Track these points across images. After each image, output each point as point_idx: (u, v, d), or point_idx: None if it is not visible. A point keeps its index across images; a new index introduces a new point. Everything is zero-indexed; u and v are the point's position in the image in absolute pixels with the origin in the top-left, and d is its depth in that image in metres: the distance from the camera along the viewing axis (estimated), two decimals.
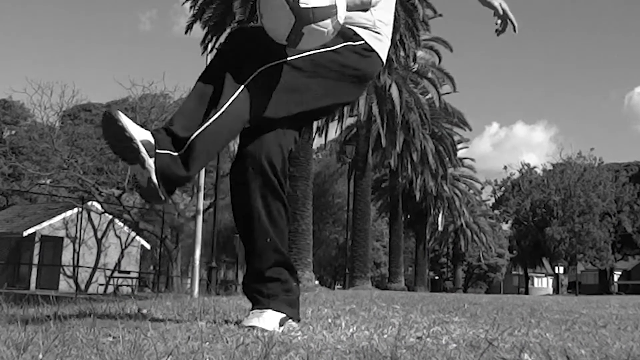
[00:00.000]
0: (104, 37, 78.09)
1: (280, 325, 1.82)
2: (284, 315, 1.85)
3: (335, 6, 1.65)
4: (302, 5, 1.59)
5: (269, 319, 1.81)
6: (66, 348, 1.32)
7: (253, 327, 1.75)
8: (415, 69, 23.72)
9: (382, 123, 22.17)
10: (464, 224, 36.28)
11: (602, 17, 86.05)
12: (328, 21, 1.64)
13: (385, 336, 1.69)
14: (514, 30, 2.05)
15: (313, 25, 1.62)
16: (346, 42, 1.87)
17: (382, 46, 1.96)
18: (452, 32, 77.65)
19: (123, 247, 24.61)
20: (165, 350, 1.31)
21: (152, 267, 27.60)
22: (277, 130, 1.88)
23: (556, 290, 44.64)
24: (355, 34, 1.90)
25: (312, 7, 1.60)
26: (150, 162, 1.61)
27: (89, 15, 77.65)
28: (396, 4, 2.07)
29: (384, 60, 1.98)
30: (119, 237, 24.48)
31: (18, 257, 22.34)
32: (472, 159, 39.76)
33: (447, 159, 27.22)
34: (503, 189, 45.85)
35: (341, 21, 1.69)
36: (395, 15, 2.31)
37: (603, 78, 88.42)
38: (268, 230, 1.88)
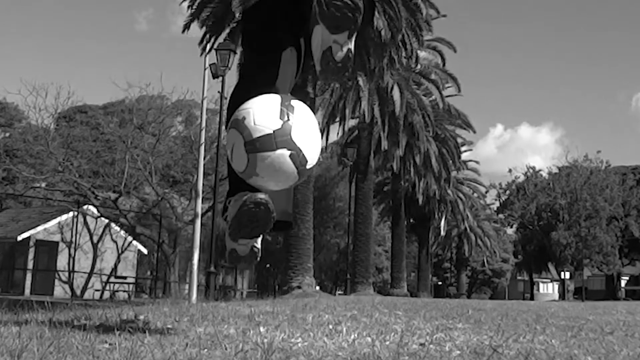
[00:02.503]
0: (99, 37, 77.72)
1: None
2: None
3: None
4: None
5: None
6: (61, 355, 1.32)
7: None
8: (418, 70, 23.48)
9: (384, 125, 21.92)
10: (467, 228, 36.07)
11: (608, 16, 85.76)
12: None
13: (387, 343, 1.67)
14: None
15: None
16: None
17: None
18: (455, 32, 77.37)
19: (119, 251, 24.50)
20: (162, 357, 1.32)
21: (149, 273, 27.52)
22: None
23: (562, 296, 44.33)
24: None
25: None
26: None
27: (84, 15, 77.38)
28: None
29: None
30: (116, 242, 24.37)
31: (12, 262, 22.21)
32: (476, 162, 39.63)
33: (451, 161, 27.02)
34: (508, 192, 45.79)
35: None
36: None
37: (610, 79, 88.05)
38: None
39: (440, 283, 49.02)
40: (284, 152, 1.52)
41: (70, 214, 22.36)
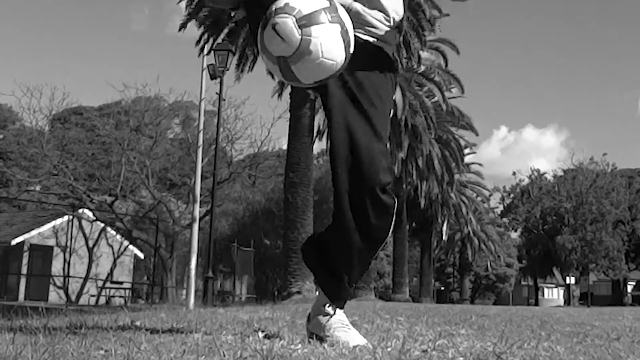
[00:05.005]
0: (95, 37, 77.17)
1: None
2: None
3: None
4: None
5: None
6: None
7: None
8: (420, 71, 23.23)
9: None
10: (471, 232, 35.81)
11: (613, 17, 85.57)
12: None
13: (389, 349, 1.66)
14: None
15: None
16: None
17: None
18: (458, 33, 77.24)
19: (115, 256, 24.31)
20: None
21: (145, 278, 27.35)
22: None
23: (567, 301, 44.33)
24: None
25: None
26: None
27: (80, 14, 76.85)
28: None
29: None
30: (111, 246, 24.18)
31: (6, 267, 22.05)
32: (480, 164, 39.35)
33: (454, 164, 26.78)
34: (512, 195, 45.78)
35: None
36: None
37: (616, 80, 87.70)
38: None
39: (442, 288, 48.84)
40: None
41: (65, 217, 22.20)
